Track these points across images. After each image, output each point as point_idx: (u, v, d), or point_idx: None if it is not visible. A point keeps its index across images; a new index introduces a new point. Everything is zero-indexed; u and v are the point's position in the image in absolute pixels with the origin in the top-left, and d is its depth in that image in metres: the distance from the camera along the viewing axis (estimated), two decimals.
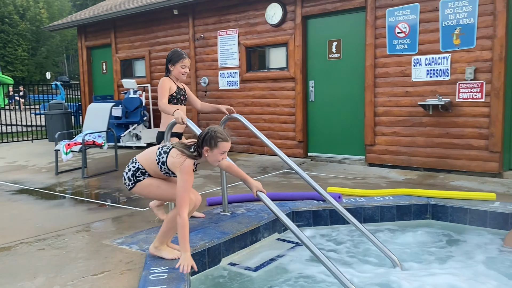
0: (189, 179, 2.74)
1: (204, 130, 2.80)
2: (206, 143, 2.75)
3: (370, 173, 6.24)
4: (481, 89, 5.72)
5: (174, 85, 3.95)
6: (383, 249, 3.35)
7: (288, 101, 7.60)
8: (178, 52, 3.94)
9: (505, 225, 3.94)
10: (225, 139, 2.76)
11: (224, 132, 2.79)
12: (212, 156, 2.77)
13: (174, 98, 3.95)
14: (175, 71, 3.94)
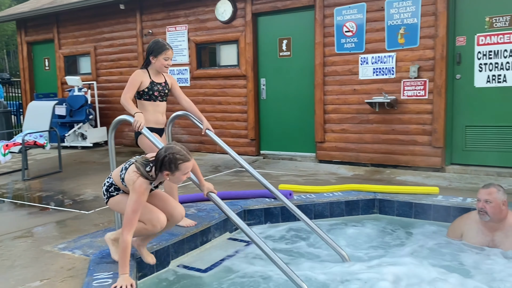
0: (139, 199, 2.53)
1: (161, 152, 2.55)
2: (165, 168, 2.53)
3: (320, 169, 6.33)
4: (424, 86, 5.94)
5: (148, 79, 3.54)
6: (332, 244, 3.39)
7: (240, 99, 7.56)
8: (160, 43, 3.52)
9: (448, 218, 4.11)
10: (186, 159, 2.55)
11: (184, 150, 2.57)
12: (174, 178, 2.59)
13: (146, 94, 3.55)
14: (157, 63, 3.53)
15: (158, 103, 3.63)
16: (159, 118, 3.65)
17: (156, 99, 3.60)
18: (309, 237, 3.89)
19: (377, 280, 2.98)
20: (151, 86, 3.56)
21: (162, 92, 3.64)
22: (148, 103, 3.58)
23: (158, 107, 3.63)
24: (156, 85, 3.59)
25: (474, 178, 5.50)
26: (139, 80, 3.52)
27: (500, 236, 3.42)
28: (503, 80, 5.54)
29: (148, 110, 3.57)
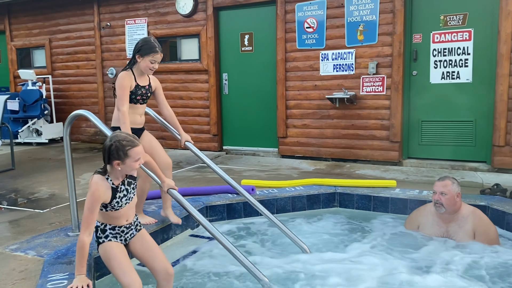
0: (91, 197, 2.35)
1: (106, 143, 2.41)
2: (114, 157, 2.38)
3: (282, 164, 6.38)
4: (383, 83, 6.09)
5: (134, 82, 3.32)
6: (293, 238, 3.43)
7: (202, 94, 7.48)
8: (150, 43, 3.28)
9: (405, 210, 4.24)
10: (134, 144, 2.40)
11: (130, 136, 2.45)
12: (126, 167, 2.41)
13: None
14: (143, 64, 3.29)
15: (138, 105, 3.43)
16: (137, 119, 3.45)
17: (137, 102, 3.40)
18: (271, 232, 3.90)
19: (337, 271, 3.04)
20: (135, 90, 3.34)
21: (145, 95, 3.43)
22: (128, 104, 3.37)
23: (137, 109, 3.43)
24: (140, 89, 3.37)
25: (429, 171, 5.70)
26: (129, 85, 3.29)
27: (454, 227, 3.55)
28: (457, 77, 5.76)
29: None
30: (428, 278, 2.96)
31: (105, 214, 2.49)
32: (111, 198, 2.43)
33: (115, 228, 2.51)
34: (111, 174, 2.44)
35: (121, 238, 2.54)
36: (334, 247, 3.59)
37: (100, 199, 2.39)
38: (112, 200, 2.44)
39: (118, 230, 2.52)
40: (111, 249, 2.48)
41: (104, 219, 2.51)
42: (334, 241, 3.74)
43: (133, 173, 2.51)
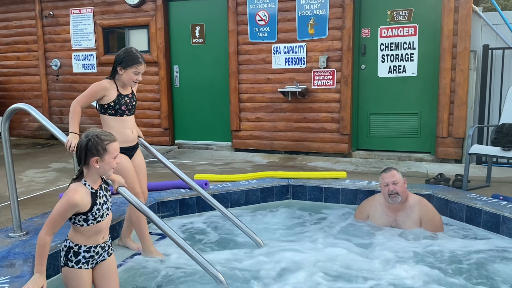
0: (66, 204, 2.15)
1: (82, 139, 2.23)
2: (92, 153, 2.19)
3: (236, 158, 6.35)
4: (333, 76, 6.20)
5: (115, 91, 3.05)
6: (247, 232, 3.42)
7: (152, 87, 7.29)
8: (132, 54, 3.03)
9: (355, 200, 4.36)
10: (112, 139, 2.26)
11: (106, 132, 2.29)
12: (104, 165, 2.23)
13: (111, 109, 3.05)
14: (125, 76, 3.03)
15: (125, 117, 3.11)
16: (128, 135, 3.14)
17: (123, 114, 3.09)
18: (225, 226, 3.88)
19: (291, 263, 3.07)
20: (118, 99, 3.06)
21: (130, 104, 3.13)
22: (113, 118, 3.08)
23: (126, 123, 3.12)
24: (123, 98, 3.09)
25: (377, 162, 5.89)
26: (102, 94, 3.02)
27: (402, 216, 3.69)
28: (403, 71, 5.97)
29: (113, 127, 3.05)
30: (378, 266, 3.06)
31: (84, 231, 2.23)
32: (91, 204, 2.21)
33: (90, 249, 2.27)
34: (88, 177, 2.24)
35: (93, 262, 2.31)
36: (288, 239, 3.62)
37: (76, 206, 2.17)
38: (93, 207, 2.22)
39: (92, 252, 2.28)
40: (80, 278, 2.26)
41: (80, 239, 2.25)
42: (288, 233, 3.77)
43: (109, 174, 2.31)
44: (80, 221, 2.22)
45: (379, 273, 2.94)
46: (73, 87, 7.80)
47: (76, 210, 2.18)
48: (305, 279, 2.84)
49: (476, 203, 3.79)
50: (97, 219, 2.25)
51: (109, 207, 2.37)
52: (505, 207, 3.64)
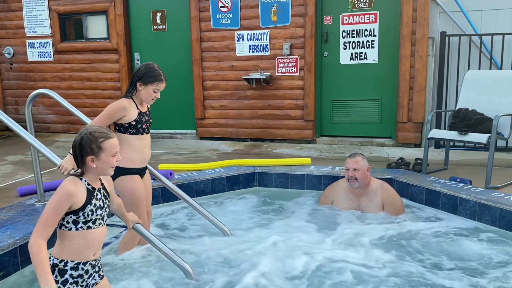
0: (59, 195, 1.95)
1: (76, 138, 2.06)
2: (86, 152, 2.02)
3: (201, 146, 6.30)
4: (296, 63, 6.23)
5: (135, 110, 2.89)
6: (214, 221, 3.41)
7: (112, 75, 7.08)
8: (154, 71, 2.90)
9: (320, 186, 4.43)
10: (108, 136, 2.06)
11: (102, 128, 2.10)
12: (102, 164, 2.04)
13: (133, 128, 2.88)
14: (145, 93, 2.88)
15: (145, 136, 2.98)
16: (146, 155, 3.01)
17: (144, 132, 2.95)
18: (191, 216, 3.85)
19: (258, 251, 3.09)
20: (139, 118, 2.90)
21: (148, 122, 3.01)
22: (135, 137, 2.91)
23: (146, 141, 2.99)
24: (143, 116, 2.95)
25: (341, 148, 6.00)
26: (121, 115, 2.84)
27: (365, 201, 3.78)
28: (364, 58, 6.07)
29: (135, 146, 2.91)
30: (342, 249, 3.13)
31: (71, 237, 1.99)
32: (85, 201, 2.00)
33: (78, 266, 2.01)
34: (86, 176, 2.06)
35: (82, 283, 2.04)
36: (255, 226, 3.65)
37: (72, 196, 1.96)
38: (86, 205, 2.00)
39: (81, 271, 2.02)
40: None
41: (66, 252, 2.00)
42: (255, 220, 3.79)
43: (109, 173, 2.10)
44: (68, 223, 1.98)
45: (343, 256, 3.01)
46: (28, 76, 7.47)
47: (71, 203, 1.95)
48: (273, 266, 2.86)
49: (435, 186, 3.94)
50: (88, 224, 2.01)
51: (104, 218, 2.11)
52: (462, 189, 3.80)
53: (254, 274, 2.76)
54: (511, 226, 3.38)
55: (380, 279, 2.73)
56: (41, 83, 7.33)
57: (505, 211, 3.41)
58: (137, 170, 2.95)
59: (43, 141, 3.36)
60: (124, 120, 2.86)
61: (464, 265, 2.93)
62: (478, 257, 3.03)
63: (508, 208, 3.39)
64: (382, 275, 2.77)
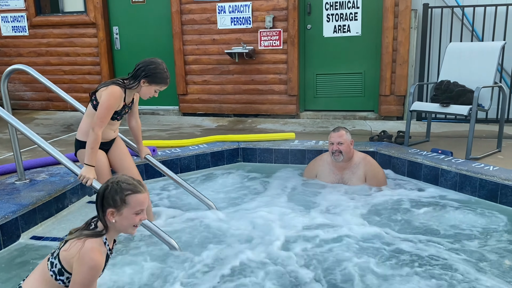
0: (91, 272, 1.75)
1: (102, 185, 1.89)
2: (108, 203, 1.83)
3: (184, 122, 6.24)
4: (279, 37, 6.15)
5: (122, 102, 2.86)
6: (199, 196, 3.40)
7: (91, 50, 6.89)
8: (163, 74, 2.86)
9: (303, 160, 4.44)
10: (136, 190, 1.85)
11: (132, 180, 1.89)
12: (122, 220, 1.85)
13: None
14: (145, 90, 2.84)
15: (115, 122, 2.97)
16: (110, 134, 2.99)
17: (115, 119, 2.93)
18: (177, 192, 3.84)
19: (244, 225, 3.11)
20: (121, 110, 2.90)
21: (121, 116, 2.98)
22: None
23: (113, 125, 2.97)
24: (125, 109, 2.94)
25: (324, 122, 6.01)
26: (117, 105, 2.81)
27: (348, 174, 3.82)
28: (347, 30, 6.02)
29: None
30: (327, 220, 3.17)
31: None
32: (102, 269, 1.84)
33: None
34: (109, 234, 1.86)
35: None
36: (240, 201, 3.66)
37: (100, 271, 1.80)
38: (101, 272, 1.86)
39: None
40: None
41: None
42: (240, 195, 3.80)
43: (129, 232, 1.90)
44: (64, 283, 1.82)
45: (328, 227, 3.05)
46: (3, 51, 7.22)
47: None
48: (259, 240, 2.89)
49: (417, 158, 3.99)
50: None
51: None
52: (443, 161, 3.86)
53: (240, 247, 2.79)
54: (490, 195, 3.46)
55: (363, 247, 2.78)
56: (16, 58, 7.09)
57: (484, 181, 3.48)
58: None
59: (21, 119, 3.26)
60: None
61: (445, 232, 3.00)
62: (458, 226, 3.10)
63: (488, 178, 3.47)
64: (365, 244, 2.82)
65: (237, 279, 2.47)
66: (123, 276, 2.49)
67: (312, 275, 2.49)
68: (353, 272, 2.51)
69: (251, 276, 2.50)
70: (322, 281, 2.45)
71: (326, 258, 2.68)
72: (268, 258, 2.67)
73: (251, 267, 2.58)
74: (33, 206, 3.07)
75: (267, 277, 2.48)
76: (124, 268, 2.56)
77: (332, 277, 2.48)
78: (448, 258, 2.64)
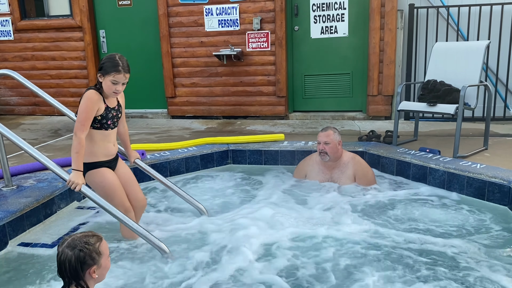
0: None
1: (68, 254, 1.77)
2: (88, 265, 1.80)
3: (173, 125, 6.21)
4: (267, 38, 6.16)
5: (103, 104, 2.77)
6: (189, 200, 3.39)
7: (78, 54, 6.83)
8: (112, 61, 2.71)
9: (293, 161, 4.45)
10: (99, 237, 1.86)
11: (87, 232, 1.88)
12: (102, 270, 1.86)
13: (98, 123, 2.77)
14: (104, 85, 2.74)
15: (110, 131, 2.87)
16: (110, 149, 2.90)
17: (108, 128, 2.84)
18: (166, 196, 3.82)
19: (235, 228, 3.09)
20: (105, 113, 2.79)
21: (116, 118, 2.89)
22: (98, 132, 2.80)
23: (110, 137, 2.88)
24: (110, 111, 2.83)
25: (313, 123, 6.03)
26: (96, 107, 2.73)
27: (337, 173, 3.83)
28: (335, 31, 6.05)
29: (96, 141, 2.81)
30: (318, 219, 3.19)
31: None
32: None
33: None
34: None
35: None
36: (231, 203, 3.65)
37: None
38: None
39: None
40: None
41: None
42: (230, 198, 3.79)
43: (104, 277, 1.90)
44: None
45: (319, 226, 3.06)
46: None
47: None
48: (250, 242, 2.88)
49: (405, 157, 4.02)
50: None
51: None
52: (431, 159, 3.90)
53: (231, 250, 2.78)
54: (478, 193, 3.50)
55: (353, 246, 2.80)
56: (1, 63, 7.01)
57: (472, 179, 3.53)
58: (102, 163, 2.86)
59: (7, 124, 3.22)
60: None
61: (434, 230, 3.03)
62: (447, 223, 3.13)
63: (475, 176, 3.51)
64: (355, 243, 2.84)
65: (229, 281, 2.46)
66: (112, 279, 2.47)
67: (302, 273, 2.50)
68: (342, 270, 2.52)
69: (242, 276, 2.49)
70: (313, 280, 2.45)
71: (317, 257, 2.69)
72: (258, 259, 2.67)
73: (242, 269, 2.58)
74: (20, 212, 3.04)
75: (257, 278, 2.48)
76: (113, 270, 2.54)
77: (323, 276, 2.49)
78: (436, 255, 2.67)
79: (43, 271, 2.62)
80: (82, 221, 3.34)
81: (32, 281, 2.52)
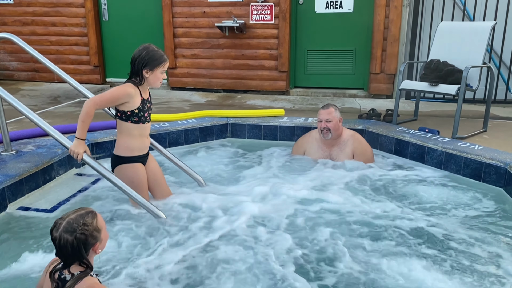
0: None
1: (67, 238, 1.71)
2: (91, 244, 1.77)
3: (173, 97, 6.19)
4: (271, 11, 6.06)
5: (139, 97, 2.75)
6: (188, 171, 3.41)
7: (78, 20, 6.74)
8: (157, 53, 2.77)
9: (292, 137, 4.46)
10: (93, 214, 1.81)
11: (81, 210, 1.81)
12: (102, 244, 1.86)
13: (135, 116, 2.76)
14: (152, 78, 2.76)
15: (146, 125, 2.87)
16: (146, 143, 2.92)
17: (145, 121, 2.84)
18: (164, 166, 3.83)
19: (232, 200, 3.12)
20: (142, 106, 2.78)
21: (150, 109, 2.89)
22: (135, 126, 2.79)
23: (146, 130, 2.89)
24: (146, 103, 2.82)
25: (314, 99, 6.01)
26: (124, 100, 2.70)
27: (336, 150, 3.85)
28: (340, 6, 5.96)
29: (134, 135, 2.81)
30: (315, 195, 3.21)
31: None
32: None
33: None
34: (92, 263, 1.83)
35: None
36: (229, 176, 3.67)
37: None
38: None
39: None
40: None
41: None
42: (228, 171, 3.81)
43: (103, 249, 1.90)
44: None
45: (316, 201, 3.10)
46: None
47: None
48: (247, 215, 2.91)
49: (404, 136, 4.03)
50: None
51: None
52: (430, 139, 3.90)
53: (227, 221, 2.82)
54: (474, 174, 3.53)
55: (350, 220, 2.84)
56: (0, 27, 6.91)
57: (469, 160, 3.54)
58: (137, 158, 2.88)
59: (6, 90, 3.19)
60: (127, 107, 2.74)
61: (429, 209, 3.06)
62: (442, 202, 3.16)
63: (472, 157, 3.53)
64: (352, 219, 2.87)
65: (223, 247, 2.50)
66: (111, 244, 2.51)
67: (300, 251, 2.53)
68: (340, 246, 2.56)
69: (235, 245, 2.54)
70: (311, 256, 2.49)
71: (313, 233, 2.72)
72: (254, 232, 2.71)
73: (236, 240, 2.62)
74: (19, 177, 3.06)
75: (251, 250, 2.52)
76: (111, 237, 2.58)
77: (320, 252, 2.53)
78: (429, 232, 2.71)
79: (41, 236, 2.65)
80: (81, 188, 3.37)
81: (29, 244, 2.56)
